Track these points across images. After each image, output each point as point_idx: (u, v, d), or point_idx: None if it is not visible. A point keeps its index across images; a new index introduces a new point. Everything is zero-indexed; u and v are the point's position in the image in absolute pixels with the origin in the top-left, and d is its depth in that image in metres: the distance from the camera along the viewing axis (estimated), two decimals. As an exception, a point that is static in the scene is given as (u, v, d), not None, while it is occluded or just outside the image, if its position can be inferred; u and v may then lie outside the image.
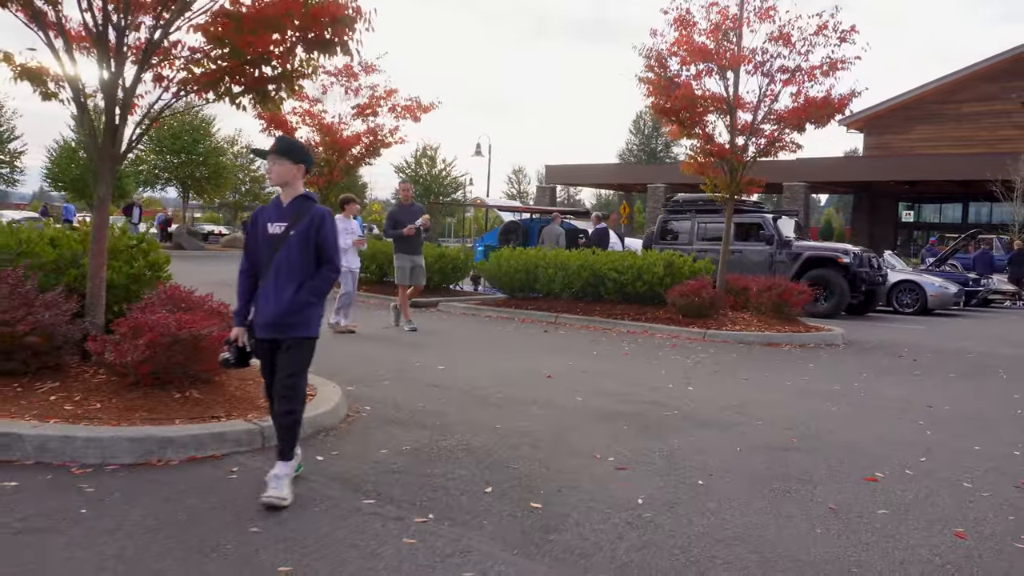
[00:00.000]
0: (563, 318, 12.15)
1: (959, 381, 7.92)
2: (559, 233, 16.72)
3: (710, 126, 11.79)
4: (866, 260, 15.21)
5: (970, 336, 12.42)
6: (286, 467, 3.70)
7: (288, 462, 3.73)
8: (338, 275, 3.95)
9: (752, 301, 11.63)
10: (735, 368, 8.26)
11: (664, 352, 9.28)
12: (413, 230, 10.24)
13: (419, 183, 40.15)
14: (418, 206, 10.88)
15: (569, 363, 8.15)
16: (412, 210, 10.53)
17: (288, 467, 3.72)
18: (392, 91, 17.36)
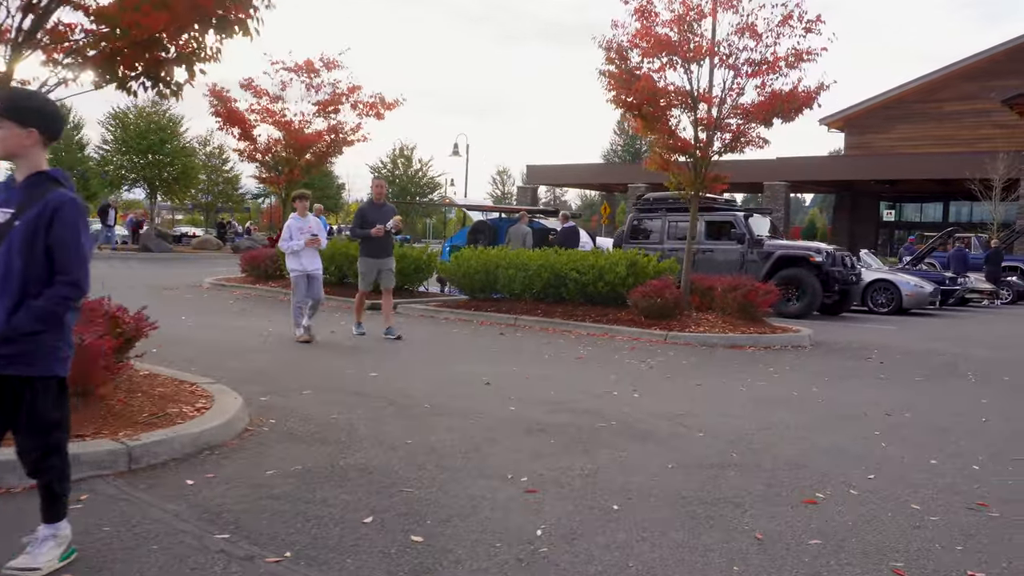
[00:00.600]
0: (523, 320, 11.68)
1: (925, 385, 7.49)
2: (525, 233, 16.25)
3: (673, 120, 11.36)
4: (839, 259, 14.82)
5: (943, 336, 12.03)
6: (50, 529, 2.89)
7: (55, 524, 2.91)
8: (78, 294, 2.79)
9: (717, 301, 11.20)
10: (691, 373, 7.81)
11: (621, 356, 8.82)
12: (381, 231, 9.34)
13: (395, 183, 39.64)
14: (390, 206, 10.01)
15: (515, 368, 7.67)
16: (383, 210, 9.64)
17: (53, 529, 2.89)
18: (356, 87, 16.89)
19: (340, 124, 16.79)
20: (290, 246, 9.11)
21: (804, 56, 10.46)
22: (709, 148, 11.15)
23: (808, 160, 40.98)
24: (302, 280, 9.09)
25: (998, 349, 10.74)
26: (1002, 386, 7.56)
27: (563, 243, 15.47)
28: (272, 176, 16.93)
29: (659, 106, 11.11)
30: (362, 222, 9.63)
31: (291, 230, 9.18)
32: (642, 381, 7.22)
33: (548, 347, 9.41)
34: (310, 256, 9.17)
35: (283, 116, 16.62)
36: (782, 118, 11.23)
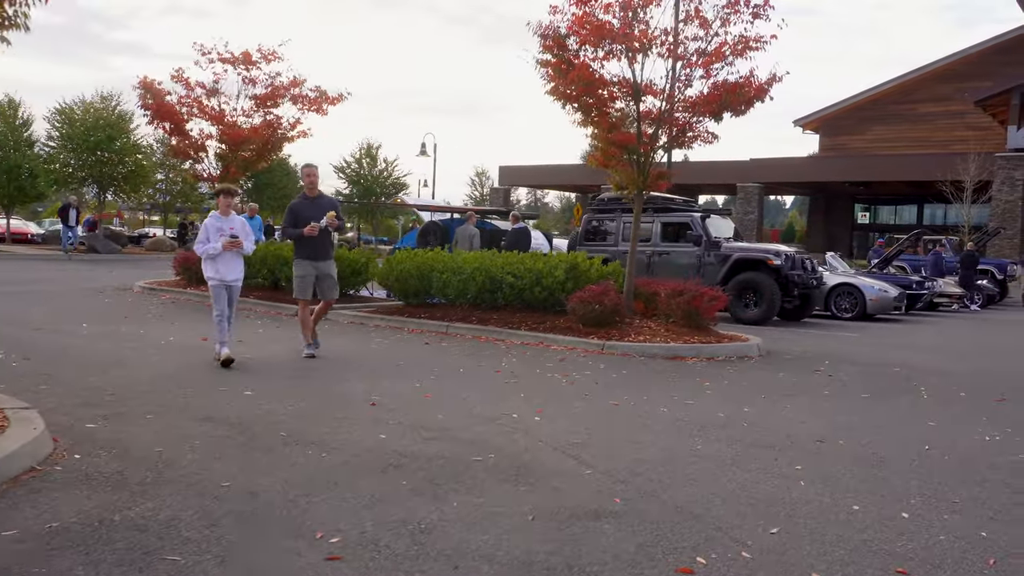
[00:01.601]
0: (455, 328, 10.85)
1: (871, 404, 6.73)
2: (473, 234, 15.46)
3: (616, 114, 10.57)
4: (799, 262, 14.11)
5: (903, 345, 11.32)
6: None
7: None
8: None
9: (661, 308, 10.42)
10: (615, 389, 7.01)
11: (545, 369, 8.02)
12: (315, 230, 7.99)
13: (360, 184, 38.65)
14: (328, 199, 8.68)
15: (417, 385, 6.85)
16: (319, 204, 8.29)
17: None
18: (298, 81, 16.01)
19: (278, 119, 15.90)
20: (205, 249, 7.61)
21: (752, 44, 9.71)
22: (654, 143, 10.38)
23: (781, 161, 40.45)
24: (221, 291, 7.63)
25: (959, 359, 10.03)
26: (955, 405, 6.82)
27: (513, 245, 14.69)
28: (206, 173, 16.00)
29: (600, 97, 10.33)
30: (294, 220, 8.28)
31: (208, 230, 7.70)
32: (555, 400, 6.41)
33: (471, 359, 8.59)
34: (230, 262, 7.67)
35: (217, 110, 15.72)
36: (732, 111, 10.49)
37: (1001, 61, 37.54)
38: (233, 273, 7.72)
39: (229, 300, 7.69)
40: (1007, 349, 11.45)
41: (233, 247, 7.60)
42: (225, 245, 7.53)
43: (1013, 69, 34.77)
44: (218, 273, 7.63)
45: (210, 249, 7.56)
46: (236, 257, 7.71)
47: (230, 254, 7.64)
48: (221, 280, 7.64)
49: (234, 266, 7.73)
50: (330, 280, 8.39)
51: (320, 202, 8.37)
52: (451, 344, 9.76)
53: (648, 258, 14.98)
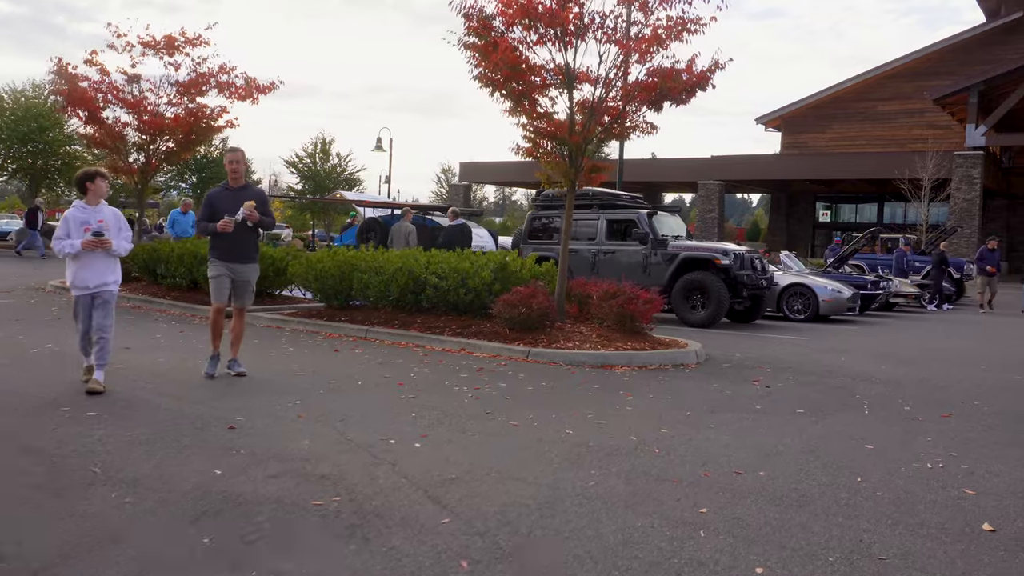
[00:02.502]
0: (375, 332, 10.03)
1: (805, 421, 6.04)
2: (409, 231, 14.65)
3: (547, 102, 9.81)
4: (748, 262, 13.47)
5: (852, 349, 10.71)
6: None
7: None
8: None
9: (594, 311, 9.69)
10: (524, 406, 6.24)
11: (457, 380, 7.23)
12: (229, 225, 6.80)
13: (312, 180, 37.51)
14: (255, 190, 7.53)
15: (296, 403, 6.02)
16: (241, 195, 7.02)
17: None
18: (229, 68, 15.04)
19: (202, 107, 14.90)
20: (62, 247, 6.06)
21: (689, 26, 9.00)
22: (587, 133, 9.62)
23: (743, 159, 40.12)
24: (84, 301, 6.12)
25: (908, 364, 9.42)
26: (897, 422, 6.15)
27: (450, 243, 13.90)
28: (125, 165, 14.96)
29: (531, 83, 9.55)
30: (210, 212, 7.00)
31: (68, 224, 6.13)
32: (449, 420, 5.63)
33: (378, 369, 7.78)
34: (96, 264, 6.09)
35: (138, 97, 14.70)
36: (672, 100, 9.78)
37: (961, 60, 37.57)
38: (99, 277, 6.12)
39: (99, 312, 6.12)
40: (958, 354, 10.89)
41: (97, 247, 6.03)
42: (85, 244, 5.98)
43: (972, 68, 34.73)
44: (81, 279, 6.08)
45: (67, 247, 6.05)
46: (106, 258, 6.16)
47: (97, 254, 6.09)
48: (85, 288, 6.09)
49: (102, 269, 6.14)
50: (247, 287, 7.18)
51: (244, 193, 7.06)
52: (365, 351, 8.94)
53: (593, 257, 14.28)
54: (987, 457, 5.10)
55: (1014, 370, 9.29)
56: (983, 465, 4.88)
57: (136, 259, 13.68)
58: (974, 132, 31.97)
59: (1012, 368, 9.48)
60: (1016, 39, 36.65)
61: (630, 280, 13.83)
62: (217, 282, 7.07)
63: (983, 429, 5.94)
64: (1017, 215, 38.67)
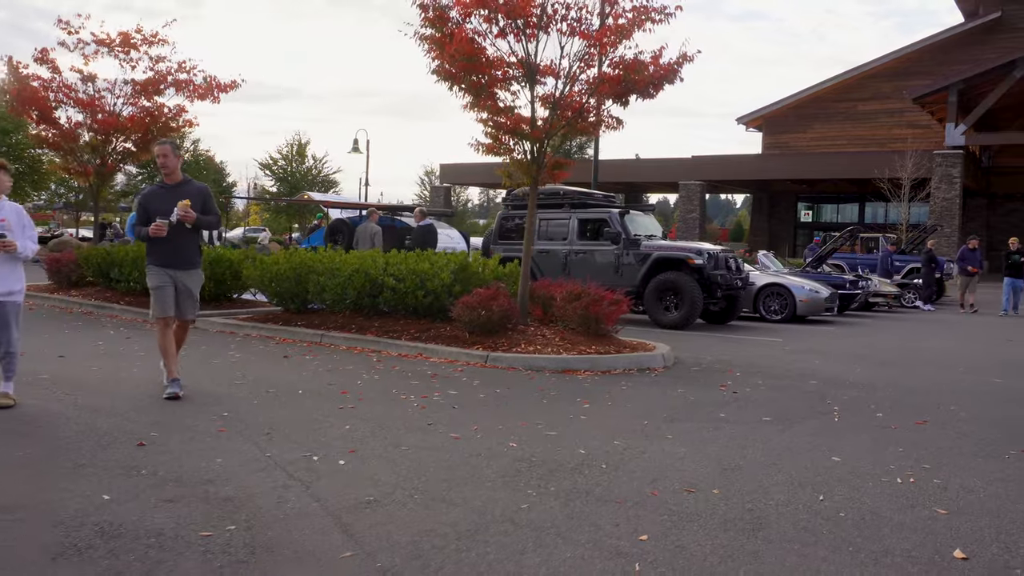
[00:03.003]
0: (331, 337, 9.58)
1: (771, 432, 5.64)
2: (374, 232, 14.19)
3: (509, 97, 9.39)
4: (722, 261, 13.11)
5: (828, 351, 10.35)
6: None
7: None
8: None
9: (558, 313, 9.28)
10: (471, 415, 5.82)
11: (406, 388, 6.79)
12: (162, 228, 6.02)
13: (287, 181, 36.91)
14: (196, 185, 6.44)
15: (224, 414, 5.57)
16: (177, 192, 6.20)
17: None
18: (188, 66, 14.52)
19: (160, 107, 14.38)
20: None
21: (653, 15, 8.61)
22: (549, 128, 9.21)
23: (724, 159, 39.88)
24: None
25: (884, 366, 9.07)
26: (868, 430, 5.76)
27: (418, 244, 13.47)
28: (78, 167, 14.41)
29: (493, 77, 9.13)
30: (144, 214, 6.25)
31: None
32: (384, 433, 5.19)
33: (326, 376, 7.34)
34: None
35: (92, 96, 14.17)
36: (638, 94, 9.39)
37: (940, 60, 37.50)
38: (3, 285, 5.49)
39: (5, 329, 5.51)
40: (935, 355, 10.56)
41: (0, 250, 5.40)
42: None
43: (951, 67, 34.63)
44: None
45: None
46: (10, 261, 5.53)
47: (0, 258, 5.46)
48: None
49: (6, 275, 5.51)
50: (190, 296, 6.36)
51: (181, 191, 6.21)
52: (318, 357, 8.49)
53: (565, 258, 13.88)
54: (962, 470, 4.71)
55: (992, 372, 8.95)
56: (957, 479, 4.50)
57: (89, 263, 13.17)
58: (954, 131, 31.83)
59: (990, 370, 9.14)
60: (994, 39, 36.62)
61: (602, 281, 13.48)
62: (160, 293, 6.21)
63: (958, 437, 5.56)
64: (997, 214, 38.64)
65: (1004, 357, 10.51)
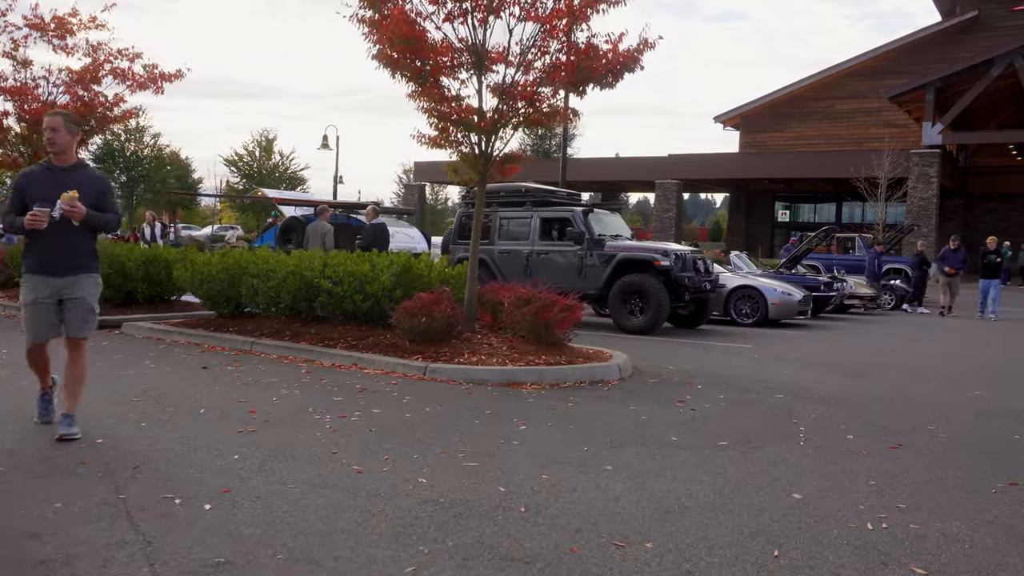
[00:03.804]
0: (262, 345, 8.81)
1: (726, 459, 4.95)
2: (325, 231, 13.41)
3: (456, 85, 8.67)
4: (691, 263, 12.44)
5: (799, 359, 9.71)
6: None
7: None
8: None
9: (506, 320, 8.56)
10: (384, 441, 5.09)
11: (327, 405, 6.05)
12: (41, 219, 4.71)
13: (252, 177, 35.92)
14: (91, 173, 5.16)
15: (100, 440, 4.80)
16: (66, 178, 4.90)
17: None
18: (131, 54, 13.69)
19: (96, 95, 13.51)
20: None
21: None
22: (498, 120, 8.49)
23: (700, 157, 39.35)
24: None
25: (857, 376, 8.43)
26: (836, 456, 5.09)
27: (370, 244, 12.69)
28: (8, 159, 13.52)
29: (438, 63, 8.39)
30: (20, 201, 4.92)
31: None
32: (274, 465, 4.45)
33: (243, 390, 6.59)
34: None
35: (25, 84, 13.29)
36: (596, 82, 8.69)
37: (917, 59, 37.16)
38: None
39: None
40: (912, 363, 9.96)
41: None
42: None
43: (928, 66, 34.30)
44: None
45: None
46: None
47: None
48: None
49: None
50: (81, 308, 4.99)
51: (70, 178, 4.91)
52: (242, 367, 7.73)
53: (526, 259, 13.17)
54: (942, 508, 4.05)
55: (971, 382, 8.34)
56: (937, 523, 3.83)
57: (15, 262, 12.30)
58: (931, 130, 31.48)
59: (969, 380, 8.53)
60: (971, 38, 36.32)
61: (565, 283, 12.79)
62: (32, 312, 4.92)
63: (937, 466, 4.90)
64: (974, 215, 38.41)
65: (982, 363, 9.93)
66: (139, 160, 34.07)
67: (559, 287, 12.75)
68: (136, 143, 33.82)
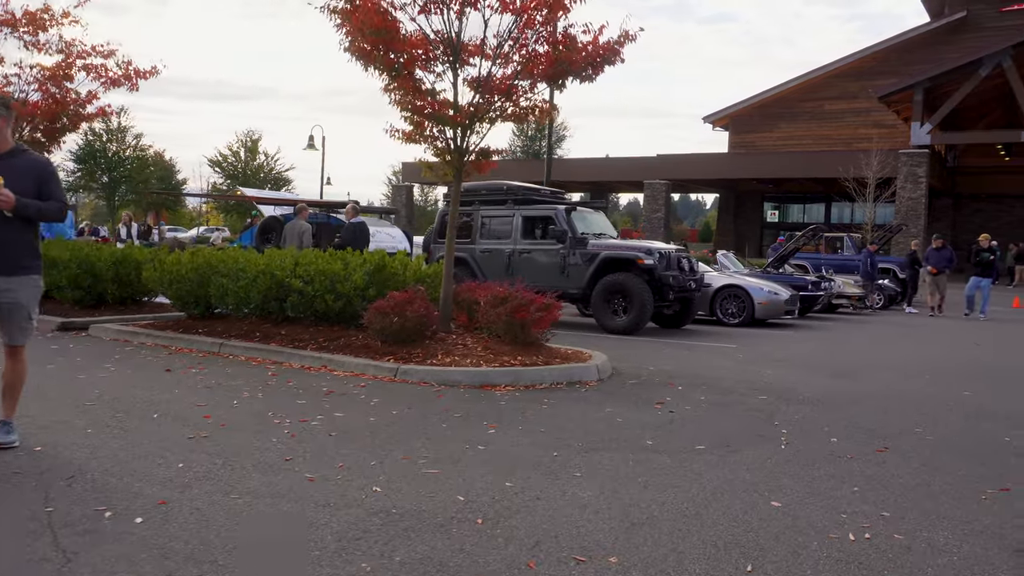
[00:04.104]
0: (230, 347, 8.52)
1: (703, 464, 4.70)
2: (303, 230, 13.12)
3: (431, 78, 8.41)
4: (675, 262, 12.21)
5: (784, 359, 9.49)
6: None
7: None
8: None
9: (481, 320, 8.30)
10: (343, 447, 4.82)
11: (290, 408, 5.77)
12: None
13: (237, 178, 35.50)
14: (32, 157, 4.68)
15: (39, 449, 4.51)
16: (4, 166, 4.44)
17: None
18: (108, 51, 13.37)
19: (68, 92, 13.18)
20: None
21: (587, -17, 7.67)
22: (473, 114, 8.23)
23: (689, 157, 39.17)
24: None
25: (843, 376, 8.21)
26: (819, 460, 4.85)
27: (348, 243, 12.40)
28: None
29: (412, 55, 8.13)
30: None
31: None
32: (222, 474, 4.18)
33: (203, 394, 6.30)
34: None
35: (-6, 81, 12.96)
36: (575, 75, 8.47)
37: (906, 60, 37.10)
38: None
39: None
40: (899, 362, 9.75)
41: None
42: None
43: (917, 67, 34.22)
44: None
45: None
46: None
47: None
48: None
49: None
50: (16, 312, 4.55)
51: (8, 165, 4.45)
52: (207, 370, 7.44)
53: (508, 258, 12.91)
54: (929, 517, 3.81)
55: (960, 381, 8.13)
56: (924, 532, 3.59)
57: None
58: (919, 130, 31.38)
59: (958, 378, 8.33)
60: (959, 38, 36.27)
61: (548, 282, 12.55)
62: None
63: (925, 471, 4.67)
64: (962, 215, 38.34)
65: (971, 363, 9.72)
66: (120, 160, 33.62)
67: (541, 287, 12.60)
68: (119, 143, 33.40)
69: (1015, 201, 37.52)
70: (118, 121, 33.51)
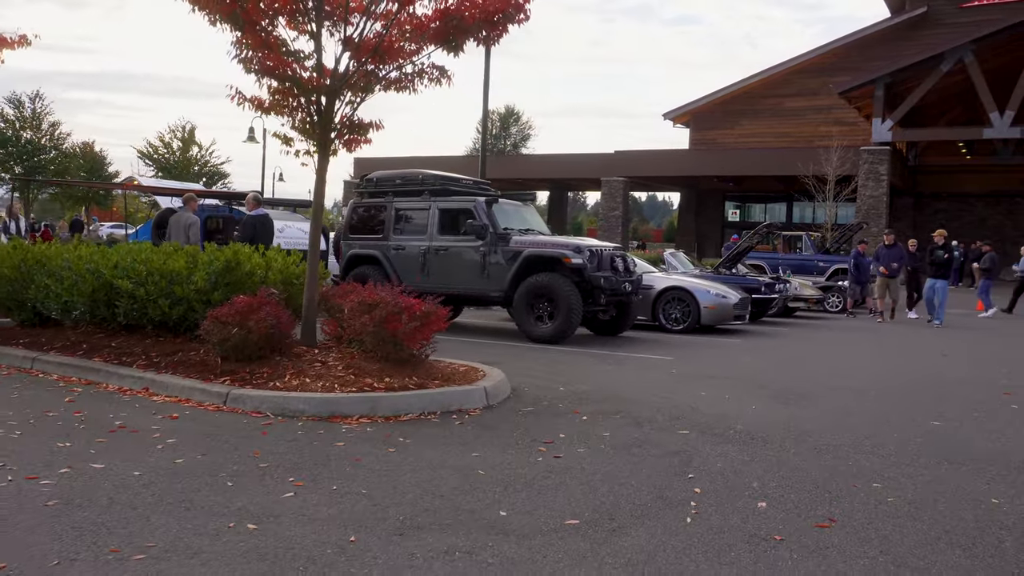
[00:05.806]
0: (44, 362, 6.92)
1: (570, 554, 3.24)
2: (189, 223, 11.45)
3: (292, 34, 6.87)
4: (607, 261, 10.77)
5: (724, 374, 8.08)
6: None
7: None
8: None
9: (346, 331, 6.76)
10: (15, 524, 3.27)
11: (44, 453, 4.20)
12: None
13: (168, 171, 33.42)
14: None
15: None
16: None
17: None
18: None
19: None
20: None
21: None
22: (339, 80, 6.69)
23: (648, 154, 37.95)
24: None
25: (787, 401, 6.79)
26: (734, 546, 3.41)
27: (248, 239, 10.75)
28: None
29: (258, 8, 6.57)
30: None
31: None
32: None
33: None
34: None
35: None
36: (472, 36, 6.99)
37: (866, 56, 36.25)
38: None
39: None
40: (854, 380, 8.39)
41: None
42: None
43: (877, 63, 33.33)
44: None
45: None
46: None
47: None
48: None
49: None
50: None
51: None
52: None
53: (423, 256, 11.39)
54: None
55: (928, 404, 6.77)
56: None
57: None
58: (880, 127, 30.42)
59: (925, 400, 6.97)
60: (919, 34, 35.47)
61: (467, 283, 11.07)
62: None
63: (884, 562, 3.24)
64: (924, 214, 37.57)
65: (939, 380, 8.38)
66: (37, 149, 31.40)
67: (460, 288, 11.15)
68: (34, 132, 31.15)
69: (976, 200, 36.86)
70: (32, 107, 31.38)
